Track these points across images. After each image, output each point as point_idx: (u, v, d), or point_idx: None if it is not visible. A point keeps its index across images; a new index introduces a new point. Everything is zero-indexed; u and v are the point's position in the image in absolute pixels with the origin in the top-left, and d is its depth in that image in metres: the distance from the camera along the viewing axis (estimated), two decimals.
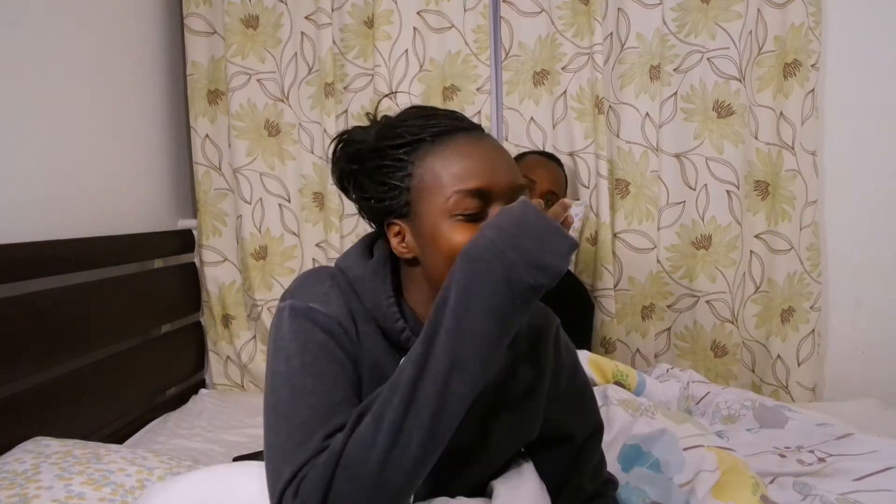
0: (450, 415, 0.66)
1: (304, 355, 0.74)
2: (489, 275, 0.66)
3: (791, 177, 1.99)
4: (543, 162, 1.88)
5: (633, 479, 1.22)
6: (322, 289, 0.79)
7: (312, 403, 0.71)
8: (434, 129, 0.78)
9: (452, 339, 0.66)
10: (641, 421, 1.31)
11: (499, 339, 0.67)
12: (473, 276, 0.67)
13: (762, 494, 1.12)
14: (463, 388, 0.66)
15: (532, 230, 0.68)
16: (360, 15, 2.11)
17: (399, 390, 0.66)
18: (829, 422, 1.46)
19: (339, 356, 0.75)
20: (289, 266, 2.20)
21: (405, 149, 0.79)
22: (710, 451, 1.20)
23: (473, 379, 0.67)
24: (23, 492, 0.99)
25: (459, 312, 0.66)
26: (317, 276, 0.82)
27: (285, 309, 0.77)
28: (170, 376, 2.01)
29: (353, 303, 0.80)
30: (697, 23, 2.03)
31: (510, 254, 0.66)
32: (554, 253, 0.67)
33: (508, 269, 0.66)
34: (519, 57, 2.09)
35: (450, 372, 0.66)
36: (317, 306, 0.77)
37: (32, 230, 1.47)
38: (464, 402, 0.67)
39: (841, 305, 2.10)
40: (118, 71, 1.87)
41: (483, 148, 0.78)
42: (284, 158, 2.18)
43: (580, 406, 0.97)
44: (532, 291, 0.67)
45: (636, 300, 2.14)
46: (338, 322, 0.77)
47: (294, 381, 0.72)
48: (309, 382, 0.72)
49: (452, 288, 0.68)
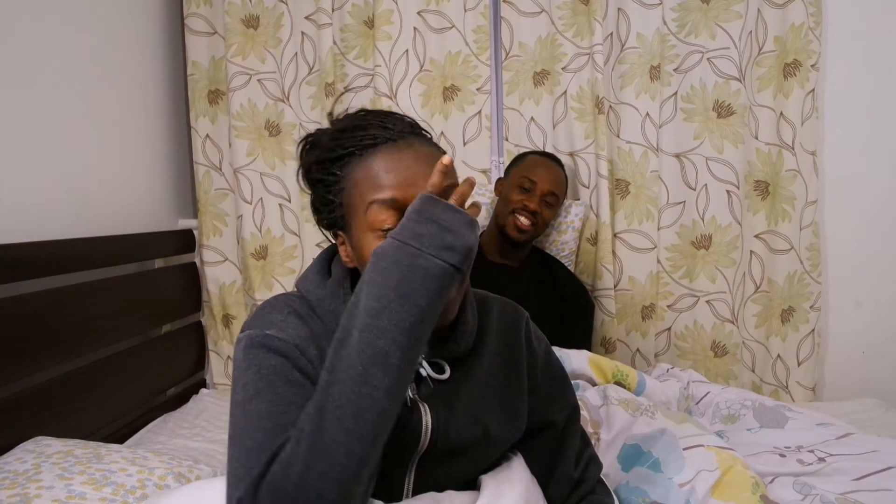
0: (378, 411, 0.66)
1: (259, 382, 0.74)
2: (396, 267, 0.68)
3: (791, 177, 1.99)
4: (543, 162, 1.88)
5: (633, 478, 1.22)
6: (279, 316, 0.80)
7: (264, 426, 0.71)
8: (362, 143, 0.79)
9: (367, 334, 0.66)
10: (641, 421, 1.31)
11: (417, 326, 0.68)
12: (381, 273, 0.68)
13: (762, 494, 1.12)
14: (387, 381, 0.66)
15: (430, 216, 0.69)
16: (361, 15, 2.11)
17: (315, 400, 0.67)
18: (829, 422, 1.46)
19: (295, 377, 0.75)
20: (289, 266, 2.21)
21: (337, 163, 0.80)
22: (709, 450, 1.20)
23: (398, 369, 0.67)
24: (24, 492, 0.99)
25: (372, 308, 0.67)
26: (274, 304, 0.82)
27: (242, 340, 0.78)
28: (170, 376, 2.01)
29: (314, 327, 0.80)
30: (697, 23, 2.04)
31: (413, 243, 0.68)
32: (455, 231, 0.69)
33: (413, 257, 0.67)
34: (519, 57, 2.10)
35: (368, 368, 0.66)
36: (273, 332, 0.77)
37: (32, 230, 1.47)
38: (393, 395, 0.67)
39: (841, 305, 2.11)
40: (118, 71, 1.87)
41: (402, 159, 0.77)
42: (285, 158, 2.18)
43: (558, 392, 0.98)
44: (446, 273, 0.68)
45: (636, 300, 2.14)
46: (294, 345, 0.77)
47: (248, 409, 0.73)
48: (263, 408, 0.72)
49: (363, 288, 0.69)
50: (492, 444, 0.88)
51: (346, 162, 0.80)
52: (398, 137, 0.79)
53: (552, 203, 1.85)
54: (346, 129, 0.81)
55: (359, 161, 0.79)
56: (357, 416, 0.65)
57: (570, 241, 2.02)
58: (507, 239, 1.84)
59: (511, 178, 1.89)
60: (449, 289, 0.69)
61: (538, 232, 1.86)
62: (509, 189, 1.85)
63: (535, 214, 1.80)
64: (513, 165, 1.94)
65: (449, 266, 0.68)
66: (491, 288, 1.07)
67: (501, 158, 2.13)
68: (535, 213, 1.80)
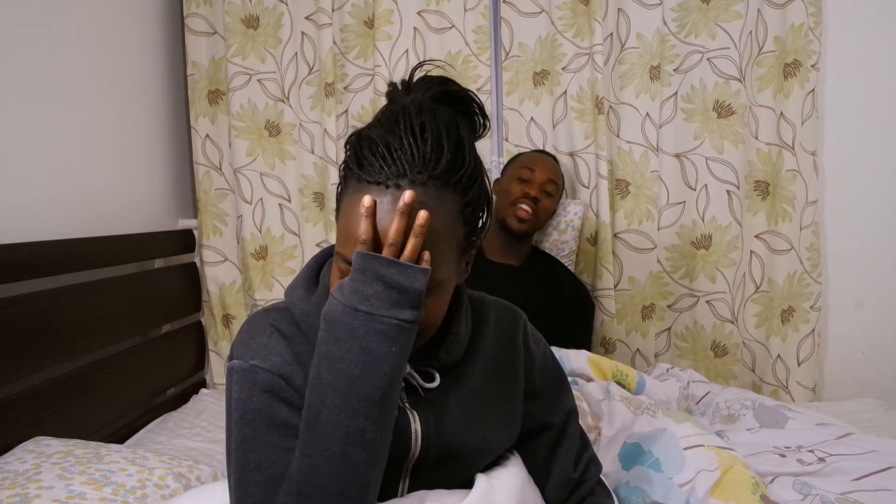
0: (362, 483, 0.69)
1: (245, 429, 0.76)
2: (352, 337, 0.68)
3: (791, 177, 1.99)
4: (539, 156, 1.92)
5: (633, 478, 1.22)
6: (263, 339, 0.79)
7: (257, 481, 0.74)
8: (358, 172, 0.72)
9: (338, 414, 0.68)
10: (642, 419, 1.31)
11: (387, 394, 0.69)
12: (338, 345, 0.68)
13: (762, 494, 1.12)
14: (365, 455, 0.69)
15: (374, 274, 0.68)
16: (361, 15, 2.11)
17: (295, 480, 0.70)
18: (829, 422, 1.46)
19: (281, 417, 0.76)
20: (289, 266, 2.21)
21: (341, 184, 0.77)
22: (709, 450, 1.20)
23: (375, 440, 0.69)
24: (24, 492, 0.99)
25: (338, 387, 0.68)
26: (258, 325, 0.81)
27: (231, 371, 0.79)
28: (170, 376, 2.01)
29: (298, 345, 0.79)
30: (697, 23, 2.04)
31: (362, 307, 0.68)
32: (400, 286, 0.68)
33: (368, 323, 0.68)
34: (519, 57, 2.10)
35: (345, 448, 0.68)
36: (257, 363, 0.77)
37: (32, 230, 1.47)
38: (375, 464, 0.70)
39: (841, 305, 2.11)
40: (119, 71, 1.87)
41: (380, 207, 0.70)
42: (285, 158, 2.18)
43: (556, 396, 0.97)
44: (403, 330, 0.69)
45: (636, 300, 2.14)
46: (279, 375, 0.77)
47: (239, 458, 0.76)
48: (252, 458, 0.75)
49: (322, 362, 0.69)
50: (486, 451, 0.88)
51: (346, 185, 0.76)
52: (387, 180, 0.70)
53: (551, 192, 1.86)
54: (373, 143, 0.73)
55: (353, 186, 0.73)
56: (342, 493, 0.68)
57: (570, 240, 2.02)
58: (508, 232, 1.85)
59: (509, 173, 1.91)
60: (410, 340, 0.70)
61: (539, 223, 1.87)
62: (508, 183, 1.87)
63: (535, 202, 1.81)
64: (509, 165, 1.96)
65: (404, 323, 0.68)
66: (491, 287, 1.07)
67: (501, 158, 2.13)
68: (535, 199, 1.81)
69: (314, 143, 2.16)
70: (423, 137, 0.71)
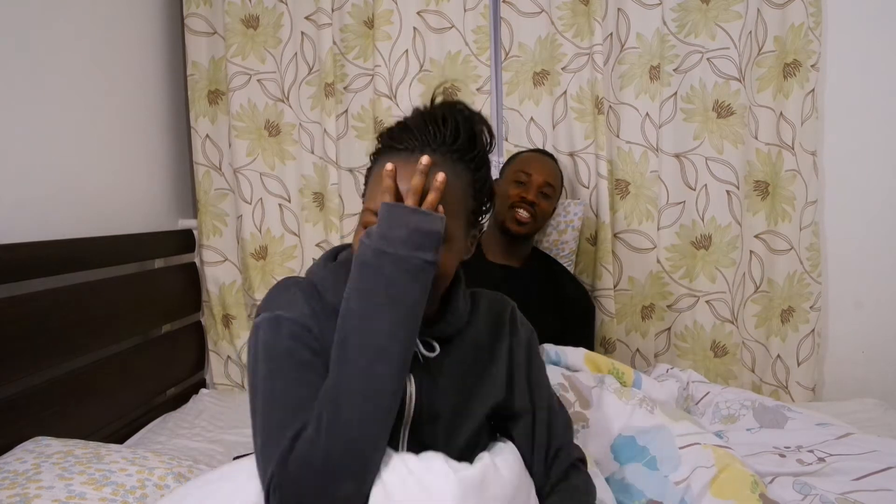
0: (387, 392, 0.79)
1: (271, 363, 0.84)
2: (379, 274, 0.78)
3: (791, 177, 2.00)
4: (536, 157, 1.90)
5: (629, 475, 1.22)
6: (287, 295, 0.89)
7: (283, 405, 0.81)
8: (388, 144, 0.88)
9: (366, 336, 0.78)
10: (639, 414, 1.31)
11: (411, 318, 0.79)
12: (368, 280, 0.79)
13: (761, 493, 1.12)
14: (390, 368, 0.79)
15: (399, 221, 0.78)
16: (361, 15, 2.11)
17: (329, 391, 0.78)
18: (829, 422, 1.46)
19: (304, 357, 0.84)
20: (289, 266, 2.21)
21: (373, 157, 0.92)
22: (706, 448, 1.20)
23: (399, 355, 0.79)
24: (23, 492, 0.99)
25: (366, 313, 0.78)
26: (281, 286, 0.92)
27: (257, 326, 0.87)
28: (170, 376, 2.01)
29: (315, 304, 0.89)
30: (697, 23, 2.04)
31: (389, 249, 0.78)
32: (422, 229, 0.78)
33: (395, 262, 0.78)
34: (519, 57, 2.10)
35: (372, 363, 0.78)
36: (282, 313, 0.86)
37: (33, 230, 1.47)
38: (397, 378, 0.79)
39: (841, 305, 2.11)
40: (118, 71, 1.87)
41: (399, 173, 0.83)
42: (285, 158, 2.18)
43: (537, 378, 1.02)
44: (426, 268, 0.79)
45: (636, 300, 2.14)
46: (301, 324, 0.86)
47: (264, 388, 0.83)
48: (278, 386, 0.82)
49: (353, 295, 0.80)
50: (470, 414, 0.94)
51: (376, 160, 0.90)
52: (413, 148, 0.86)
53: (549, 194, 1.85)
54: (402, 122, 0.90)
55: (379, 159, 0.88)
56: (368, 401, 0.77)
57: (569, 240, 2.02)
58: (507, 235, 1.84)
59: (506, 176, 1.90)
60: (429, 280, 0.80)
61: (538, 225, 1.87)
62: (505, 186, 1.87)
63: (533, 206, 1.81)
64: (506, 166, 1.95)
65: (425, 263, 0.78)
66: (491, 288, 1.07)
67: (501, 159, 2.13)
68: (532, 203, 1.81)
69: (314, 143, 2.16)
70: (444, 124, 0.86)
